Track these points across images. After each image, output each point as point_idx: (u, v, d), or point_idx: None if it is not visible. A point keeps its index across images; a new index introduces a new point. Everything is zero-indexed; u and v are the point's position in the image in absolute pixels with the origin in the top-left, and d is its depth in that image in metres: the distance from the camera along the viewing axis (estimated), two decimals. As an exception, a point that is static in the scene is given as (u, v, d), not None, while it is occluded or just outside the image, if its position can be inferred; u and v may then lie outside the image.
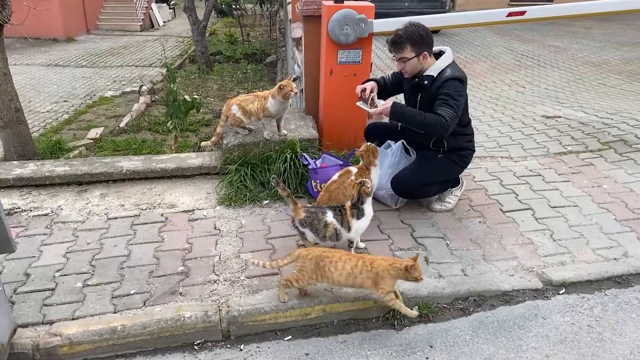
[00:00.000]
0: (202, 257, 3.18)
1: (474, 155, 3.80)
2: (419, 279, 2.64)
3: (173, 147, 6.79)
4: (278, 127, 4.11)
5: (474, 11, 4.47)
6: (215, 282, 2.95)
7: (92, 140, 7.82)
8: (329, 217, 3.04)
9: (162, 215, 3.65)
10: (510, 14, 4.19)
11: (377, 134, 3.91)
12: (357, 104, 3.70)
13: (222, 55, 14.79)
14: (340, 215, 3.06)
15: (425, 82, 3.46)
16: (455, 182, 3.87)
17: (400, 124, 3.76)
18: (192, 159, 4.23)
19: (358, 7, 4.10)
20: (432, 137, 3.55)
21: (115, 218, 3.62)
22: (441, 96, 3.34)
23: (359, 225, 3.06)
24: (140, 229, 3.49)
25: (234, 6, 17.24)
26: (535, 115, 5.92)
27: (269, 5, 17.81)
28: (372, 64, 4.37)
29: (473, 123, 5.78)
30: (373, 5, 4.19)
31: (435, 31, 5.17)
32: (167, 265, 3.10)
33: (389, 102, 3.41)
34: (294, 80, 6.43)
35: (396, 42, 3.43)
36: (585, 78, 8.42)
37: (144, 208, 3.74)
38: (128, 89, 11.00)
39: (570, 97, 7.08)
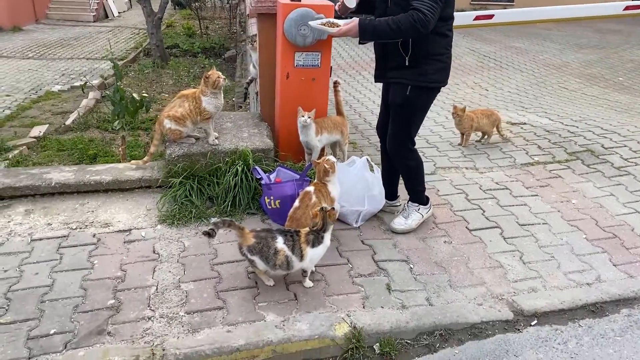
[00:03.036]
0: (137, 288, 2.80)
1: (448, 75, 3.15)
2: None
3: (120, 149, 6.34)
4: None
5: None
6: (150, 318, 2.58)
7: (34, 139, 7.25)
8: (279, 243, 2.72)
9: (94, 236, 3.24)
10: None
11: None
12: (311, 23, 3.38)
13: (179, 48, 14.21)
14: (292, 241, 2.74)
15: None
16: (425, 201, 3.55)
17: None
18: (132, 171, 3.81)
19: (317, 6, 3.77)
20: (400, 45, 2.99)
21: (40, 239, 3.19)
22: None
23: (314, 254, 2.74)
24: (68, 252, 3.07)
25: (192, -2, 16.64)
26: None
27: (229, -2, 17.27)
28: (332, 68, 4.05)
29: (436, 129, 5.60)
30: (333, 4, 3.87)
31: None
32: (95, 297, 2.71)
33: (353, 19, 2.90)
34: (250, 82, 6.09)
35: None
36: (547, 81, 8.34)
37: (74, 227, 3.32)
38: (77, 83, 10.35)
39: (533, 101, 6.95)
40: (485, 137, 4.98)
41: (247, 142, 3.82)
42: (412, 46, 2.98)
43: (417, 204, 3.51)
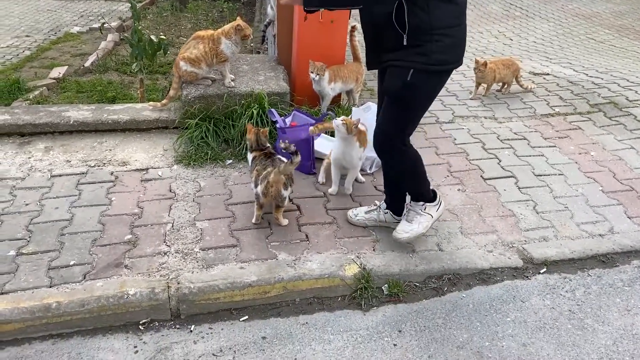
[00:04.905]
0: (153, 225, 2.87)
1: (461, 53, 2.42)
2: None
3: (139, 91, 6.35)
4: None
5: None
6: (165, 254, 2.66)
7: (54, 80, 7.29)
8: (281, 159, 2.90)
9: (111, 173, 3.30)
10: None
11: None
12: None
13: (197, -10, 13.97)
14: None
15: None
16: (432, 196, 2.81)
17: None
18: (149, 111, 3.84)
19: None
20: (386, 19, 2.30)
21: (60, 175, 3.27)
22: None
23: None
24: (86, 189, 3.15)
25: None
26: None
27: (248, -61, 16.76)
28: (350, 10, 3.96)
29: (456, 77, 5.48)
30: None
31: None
32: (113, 232, 2.80)
33: None
34: (268, 24, 5.98)
35: None
36: (574, 32, 8.06)
37: (92, 165, 3.39)
38: (96, 25, 10.27)
39: (559, 52, 6.75)
40: (505, 86, 4.88)
41: (263, 85, 3.80)
42: (408, 19, 2.25)
43: (421, 203, 2.78)
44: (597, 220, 3.12)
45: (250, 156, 2.98)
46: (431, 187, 2.82)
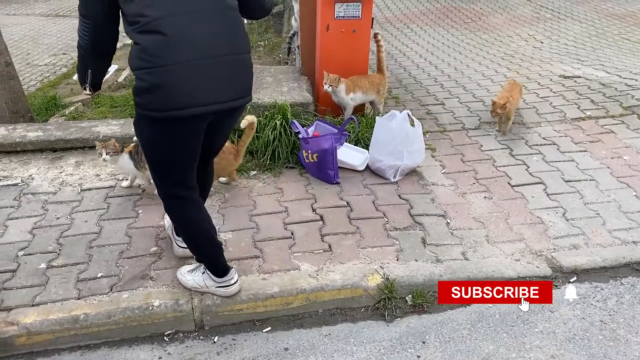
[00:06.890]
0: (178, 236, 2.91)
1: (165, 101, 2.00)
2: None
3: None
4: None
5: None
6: (189, 265, 2.70)
7: (89, 96, 7.50)
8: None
9: (139, 186, 3.37)
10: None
11: None
12: None
13: (226, 5, 14.18)
14: None
15: None
16: (221, 271, 2.45)
17: None
18: (175, 124, 3.91)
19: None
20: None
21: (89, 189, 3.35)
22: None
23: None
24: (114, 202, 3.22)
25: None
26: (552, 75, 5.47)
27: (276, -48, 16.98)
28: (373, 19, 3.96)
29: (484, 83, 5.40)
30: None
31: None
32: (139, 245, 2.85)
33: None
34: (292, 36, 6.03)
35: None
36: (607, 32, 7.85)
37: (121, 179, 3.46)
38: (128, 41, 10.54)
39: (591, 53, 6.58)
40: None
41: (287, 96, 3.82)
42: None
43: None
44: (631, 227, 3.02)
45: (126, 156, 3.16)
46: (230, 269, 2.47)
